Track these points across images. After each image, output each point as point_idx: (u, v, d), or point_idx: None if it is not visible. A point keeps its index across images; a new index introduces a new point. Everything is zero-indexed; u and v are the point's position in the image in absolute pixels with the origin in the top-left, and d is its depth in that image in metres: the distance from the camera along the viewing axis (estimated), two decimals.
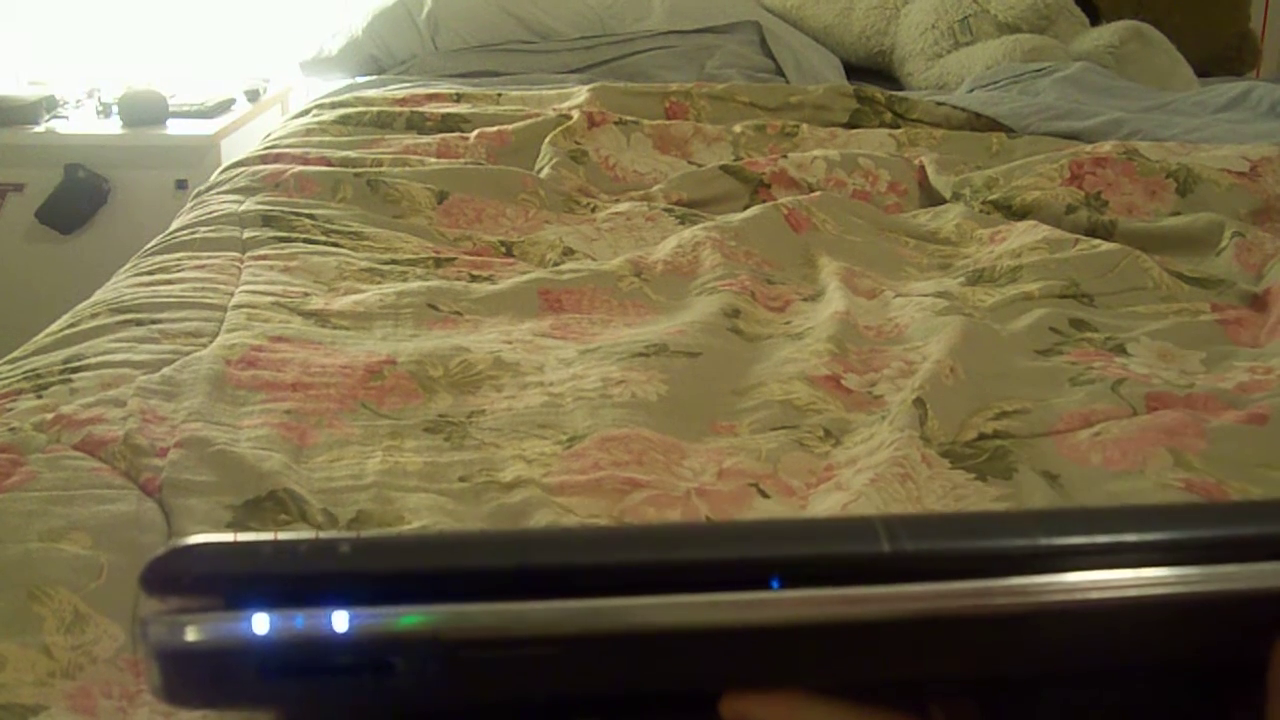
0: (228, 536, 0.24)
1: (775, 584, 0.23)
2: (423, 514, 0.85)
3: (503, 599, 0.23)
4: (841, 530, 0.25)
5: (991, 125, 2.01)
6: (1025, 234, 1.49)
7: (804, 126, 1.95)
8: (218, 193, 1.63)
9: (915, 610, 0.24)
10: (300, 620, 0.22)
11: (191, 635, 0.22)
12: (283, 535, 0.24)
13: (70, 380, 1.02)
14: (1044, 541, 0.24)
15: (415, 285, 1.30)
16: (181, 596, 0.23)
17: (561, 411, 1.02)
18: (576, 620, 0.23)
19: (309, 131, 1.92)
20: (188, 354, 1.09)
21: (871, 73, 2.62)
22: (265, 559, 0.23)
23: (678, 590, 0.23)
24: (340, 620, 0.22)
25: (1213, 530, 0.25)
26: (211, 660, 0.22)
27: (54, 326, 1.19)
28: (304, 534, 0.24)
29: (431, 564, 0.23)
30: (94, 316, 1.19)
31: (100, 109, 2.62)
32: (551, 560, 0.24)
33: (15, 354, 1.13)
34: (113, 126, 2.54)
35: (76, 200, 2.48)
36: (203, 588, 0.23)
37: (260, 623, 0.22)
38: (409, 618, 0.23)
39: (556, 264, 1.43)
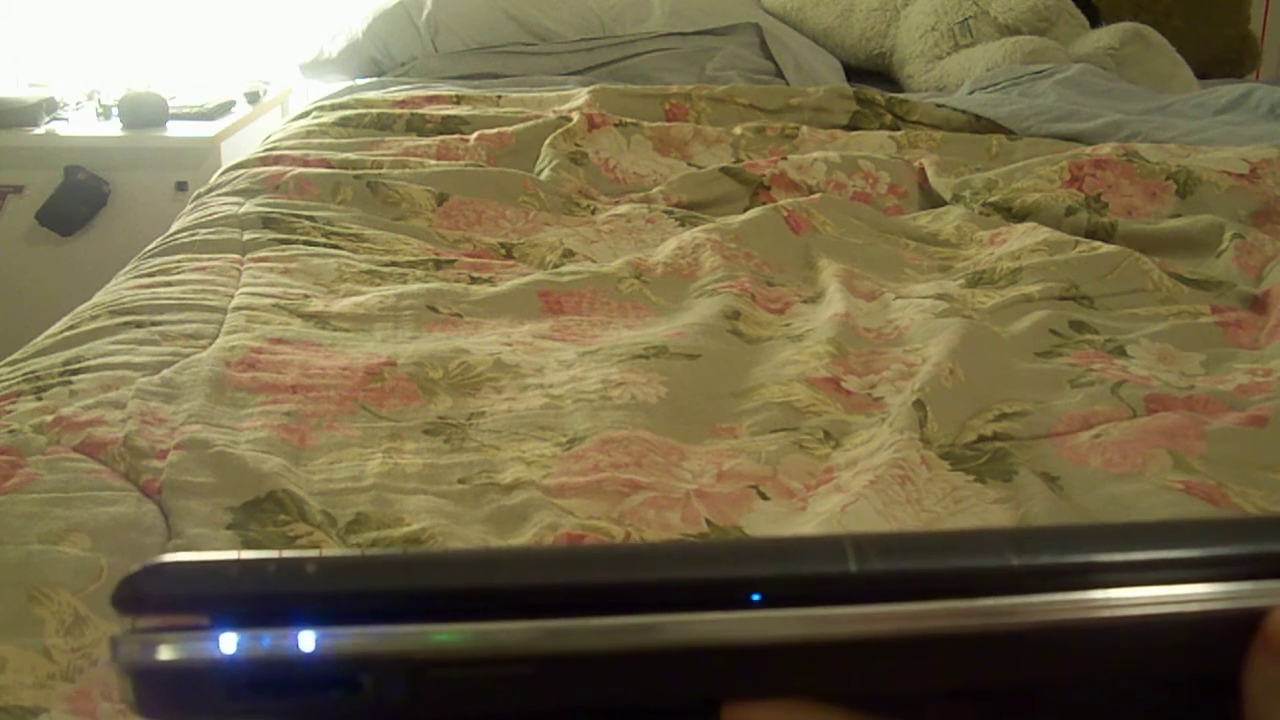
0: (200, 555, 0.24)
1: (756, 598, 0.24)
2: (422, 516, 0.85)
3: (473, 619, 0.23)
4: (811, 550, 0.25)
5: (991, 127, 2.01)
6: (1025, 236, 1.49)
7: (804, 128, 1.95)
8: (218, 195, 1.63)
9: (876, 631, 0.24)
10: (267, 640, 0.23)
11: (160, 654, 0.23)
12: (251, 554, 0.24)
13: (70, 382, 1.02)
14: (1015, 561, 0.25)
15: (415, 287, 1.30)
16: (151, 615, 0.23)
17: (561, 413, 1.02)
18: (546, 641, 0.23)
19: (309, 133, 1.92)
20: (188, 356, 1.09)
21: (871, 75, 2.62)
22: (233, 578, 0.23)
23: (647, 610, 0.24)
24: (307, 640, 0.23)
25: (1187, 549, 0.25)
26: (181, 679, 0.23)
27: (54, 328, 1.19)
28: (271, 553, 0.24)
29: (399, 584, 0.24)
30: (94, 318, 1.19)
31: (100, 111, 2.62)
32: (521, 580, 0.24)
33: (15, 356, 1.13)
34: (113, 128, 2.54)
35: (76, 202, 2.48)
36: (172, 606, 0.23)
37: (227, 642, 0.23)
38: (376, 637, 0.23)
39: (556, 266, 1.43)
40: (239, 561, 0.24)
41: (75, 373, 1.04)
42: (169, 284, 1.29)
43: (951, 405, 1.03)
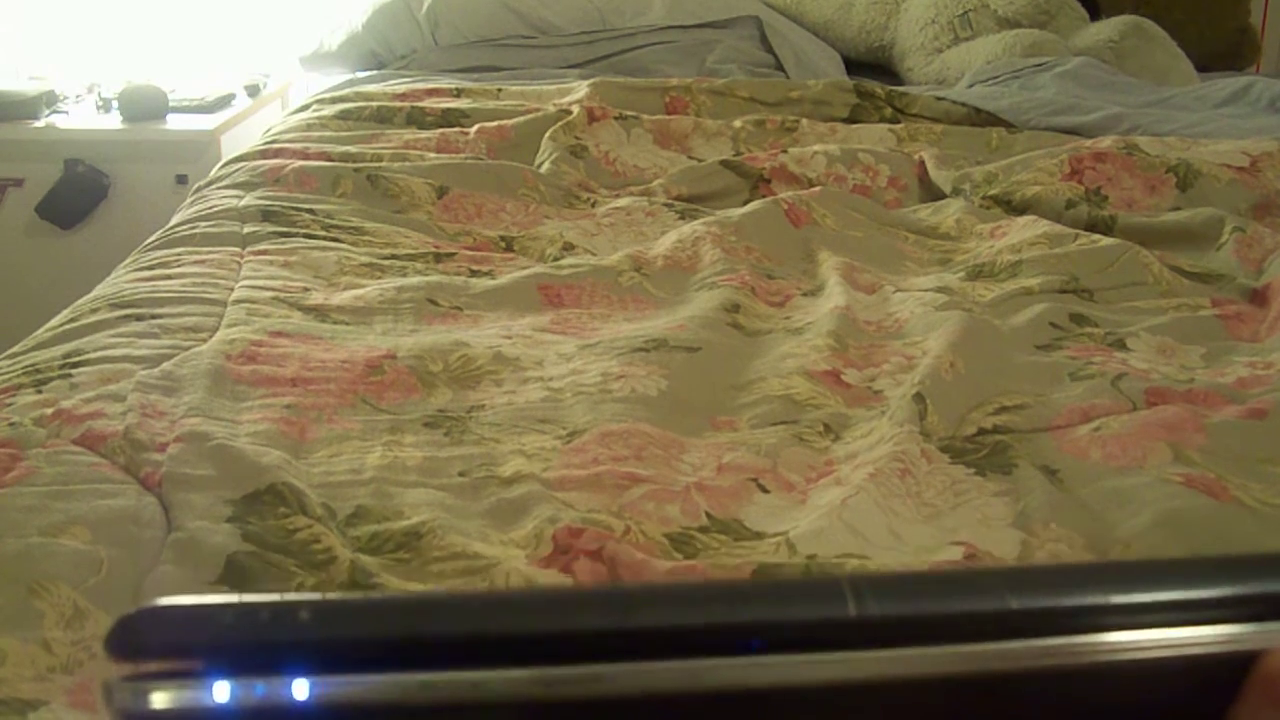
0: (196, 599, 0.24)
1: (755, 643, 0.24)
2: (422, 509, 0.85)
3: (469, 666, 0.23)
4: (810, 593, 0.25)
5: (991, 120, 2.01)
6: (1025, 229, 1.49)
7: (804, 121, 1.95)
8: (218, 188, 1.63)
9: (874, 676, 0.24)
10: (260, 689, 0.23)
11: (154, 702, 0.23)
12: (248, 598, 0.24)
13: (70, 375, 1.02)
14: (1013, 605, 0.25)
15: (415, 280, 1.30)
16: (146, 661, 0.23)
17: (561, 406, 1.02)
18: (542, 689, 0.23)
19: (309, 126, 1.92)
20: (187, 349, 1.09)
21: (872, 68, 2.62)
22: (226, 625, 0.23)
23: (645, 656, 0.24)
24: (300, 689, 0.23)
25: (1184, 591, 0.25)
26: None
27: (54, 321, 1.19)
28: (270, 597, 0.24)
29: (394, 631, 0.24)
30: (94, 311, 1.18)
31: (100, 104, 2.61)
32: (517, 627, 0.24)
33: (15, 349, 1.13)
34: (113, 121, 2.54)
35: (76, 195, 2.48)
36: (167, 652, 0.23)
37: (221, 690, 0.23)
38: (370, 686, 0.23)
39: (556, 259, 1.43)
40: (233, 606, 0.24)
41: (75, 366, 1.04)
42: (169, 277, 1.29)
43: (951, 398, 1.03)
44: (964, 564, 0.79)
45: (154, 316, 1.17)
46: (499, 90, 2.13)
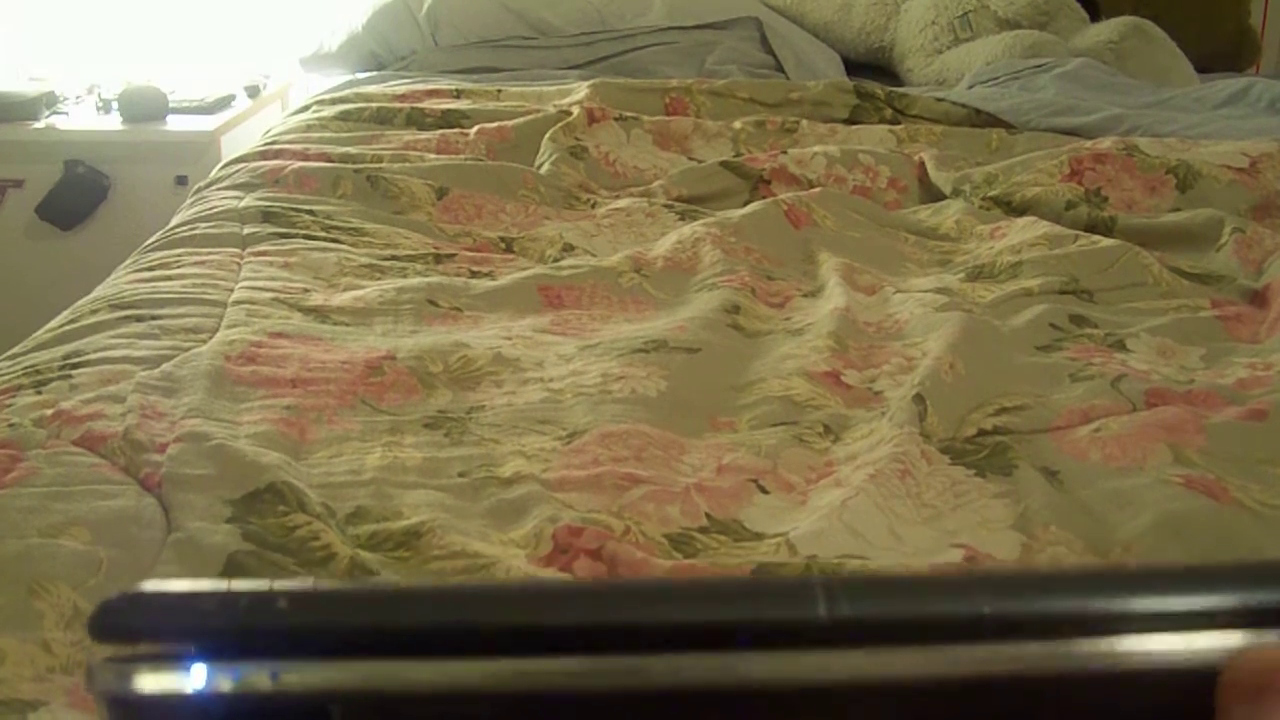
0: (179, 584, 0.24)
1: (743, 641, 0.24)
2: (421, 510, 0.85)
3: (445, 655, 0.23)
4: (781, 593, 0.25)
5: (991, 121, 2.01)
6: (1025, 230, 1.49)
7: (804, 122, 1.95)
8: (218, 189, 1.63)
9: (840, 678, 0.24)
10: (237, 673, 0.23)
11: (134, 684, 0.23)
12: (234, 584, 0.24)
13: (70, 376, 1.02)
14: (986, 610, 0.24)
15: (415, 281, 1.30)
16: (127, 644, 0.24)
17: (561, 407, 1.02)
18: (515, 680, 0.23)
19: (309, 127, 1.92)
20: (187, 350, 1.09)
21: (872, 69, 2.62)
22: (206, 612, 0.24)
23: (617, 650, 0.24)
24: (276, 675, 0.23)
25: (1160, 600, 0.25)
26: (154, 709, 0.23)
27: (54, 322, 1.19)
28: (258, 583, 0.24)
29: (370, 620, 0.24)
30: (94, 312, 1.18)
31: (100, 105, 2.61)
32: (491, 619, 0.24)
33: (15, 350, 1.13)
34: (113, 122, 2.54)
35: (76, 196, 2.48)
36: (147, 636, 0.24)
37: (198, 674, 0.23)
38: (345, 673, 0.23)
39: (556, 260, 1.43)
40: (214, 593, 0.24)
41: (75, 367, 1.04)
42: (169, 278, 1.29)
43: (951, 399, 1.03)
44: (962, 567, 0.79)
45: (154, 317, 1.17)
46: (499, 91, 2.13)
